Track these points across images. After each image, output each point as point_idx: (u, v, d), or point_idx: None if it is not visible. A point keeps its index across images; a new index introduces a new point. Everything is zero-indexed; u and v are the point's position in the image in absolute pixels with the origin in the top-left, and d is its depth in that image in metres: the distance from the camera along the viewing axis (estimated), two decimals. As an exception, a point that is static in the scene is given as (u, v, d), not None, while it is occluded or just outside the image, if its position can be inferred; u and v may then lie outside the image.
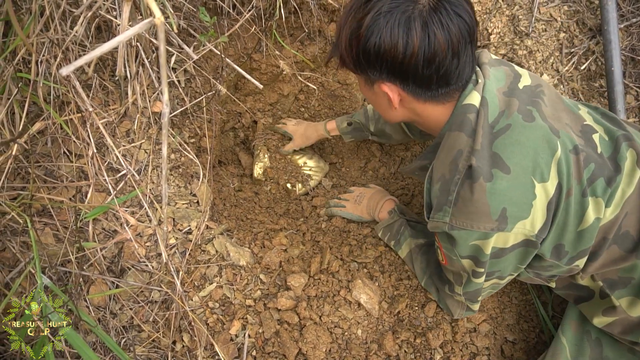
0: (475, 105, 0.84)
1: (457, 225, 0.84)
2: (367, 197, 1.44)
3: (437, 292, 1.16)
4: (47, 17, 0.93)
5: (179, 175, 1.26)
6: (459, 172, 0.82)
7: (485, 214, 0.80)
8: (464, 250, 0.88)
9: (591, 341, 1.03)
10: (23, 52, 0.97)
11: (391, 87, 0.86)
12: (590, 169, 0.83)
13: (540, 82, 0.92)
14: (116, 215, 1.13)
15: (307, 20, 1.59)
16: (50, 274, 1.04)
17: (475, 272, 0.92)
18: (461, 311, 1.10)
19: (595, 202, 0.83)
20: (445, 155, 0.87)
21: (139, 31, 0.50)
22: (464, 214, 0.82)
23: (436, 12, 0.77)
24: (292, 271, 1.22)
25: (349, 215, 1.43)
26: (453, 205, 0.83)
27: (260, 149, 1.66)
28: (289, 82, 1.74)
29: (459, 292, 1.03)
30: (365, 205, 1.42)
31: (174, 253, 1.15)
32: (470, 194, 0.80)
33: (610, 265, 0.90)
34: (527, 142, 0.80)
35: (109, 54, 1.17)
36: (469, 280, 0.97)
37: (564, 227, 0.84)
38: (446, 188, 0.85)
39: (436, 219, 0.88)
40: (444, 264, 1.01)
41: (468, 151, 0.82)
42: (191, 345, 1.08)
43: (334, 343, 1.12)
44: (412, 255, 1.21)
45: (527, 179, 0.80)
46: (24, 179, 1.09)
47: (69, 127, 1.08)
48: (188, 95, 1.31)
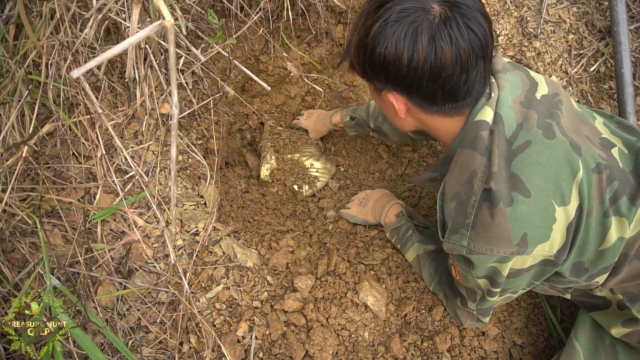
0: (488, 122, 0.81)
1: (475, 249, 0.81)
2: (372, 200, 1.42)
3: (447, 299, 1.15)
4: (58, 20, 0.94)
5: (186, 176, 1.26)
6: (475, 193, 0.80)
7: (506, 239, 0.78)
8: (481, 271, 0.86)
9: (605, 347, 1.01)
10: (34, 55, 0.98)
11: (397, 97, 0.84)
12: (613, 188, 0.81)
13: (558, 90, 0.89)
14: (124, 217, 1.14)
15: (315, 22, 1.59)
16: (59, 275, 1.05)
17: (490, 291, 0.91)
18: (471, 322, 1.10)
19: (619, 222, 0.81)
20: (459, 174, 0.85)
21: (149, 33, 0.50)
22: (483, 239, 0.80)
23: (446, 25, 0.73)
24: (299, 273, 1.22)
25: (354, 218, 1.42)
26: (471, 228, 0.81)
27: (267, 150, 1.66)
28: (296, 84, 1.74)
29: (472, 308, 1.02)
30: (370, 208, 1.41)
31: (181, 254, 1.16)
32: (490, 219, 0.78)
33: (631, 280, 0.88)
34: (548, 162, 0.77)
35: (118, 56, 1.17)
36: (483, 298, 0.96)
37: (584, 246, 0.82)
38: (462, 210, 0.82)
39: (453, 240, 0.85)
40: (457, 280, 1.00)
41: (483, 171, 0.79)
42: (198, 346, 1.08)
43: (341, 345, 1.12)
44: (420, 261, 1.20)
45: (548, 202, 0.77)
46: (33, 180, 1.10)
47: (78, 128, 1.09)
48: (196, 97, 1.32)
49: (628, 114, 1.37)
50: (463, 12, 0.73)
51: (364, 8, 0.80)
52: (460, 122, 0.86)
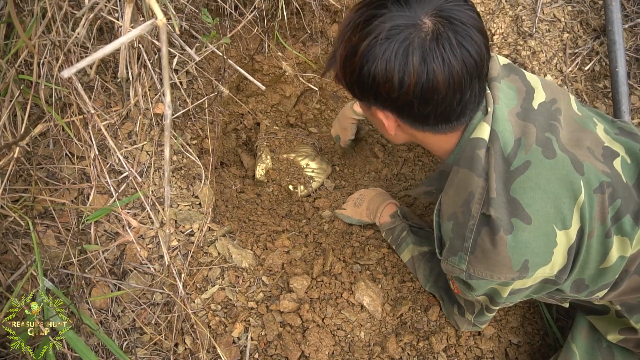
0: (484, 139, 0.77)
1: (475, 274, 0.80)
2: (367, 200, 1.40)
3: (443, 302, 1.15)
4: (49, 19, 0.93)
5: (181, 177, 1.26)
6: (472, 217, 0.78)
7: (506, 266, 0.76)
8: (480, 292, 0.86)
9: (602, 349, 1.01)
10: (25, 54, 0.96)
11: (387, 115, 0.80)
12: (616, 207, 0.79)
13: (555, 96, 0.85)
14: (118, 218, 1.13)
15: (310, 21, 1.58)
16: (52, 277, 1.04)
17: (489, 307, 0.91)
18: (468, 326, 1.09)
19: (620, 241, 0.80)
20: (455, 194, 0.82)
21: (141, 33, 0.50)
22: (483, 265, 0.78)
23: (438, 44, 0.68)
24: (295, 273, 1.21)
25: (349, 219, 1.41)
26: (470, 253, 0.79)
27: (262, 150, 1.65)
28: (291, 83, 1.74)
29: (470, 319, 1.02)
30: (365, 208, 1.39)
31: (176, 255, 1.15)
32: (490, 246, 0.76)
33: (630, 293, 0.88)
34: (548, 185, 0.75)
35: (111, 56, 1.16)
36: (482, 312, 0.96)
37: (585, 265, 0.81)
38: (460, 232, 0.80)
39: (451, 262, 0.83)
40: (456, 292, 0.99)
41: (480, 193, 0.77)
42: (193, 347, 1.08)
43: (337, 345, 1.12)
44: (415, 263, 1.20)
45: (549, 228, 0.76)
46: (25, 181, 1.09)
47: (70, 129, 1.08)
48: (190, 97, 1.31)
49: (622, 113, 1.37)
50: (457, 29, 0.69)
51: (351, 17, 0.75)
52: (454, 138, 0.83)
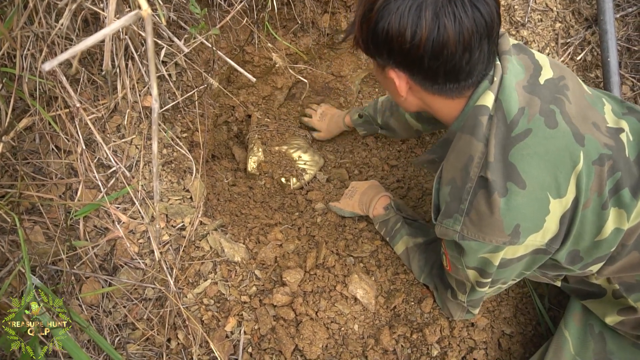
0: (488, 107, 0.79)
1: (468, 235, 0.81)
2: (359, 192, 1.40)
3: (437, 291, 1.16)
4: (31, 10, 0.90)
5: (171, 170, 1.24)
6: (470, 180, 0.79)
7: (498, 228, 0.78)
8: (471, 261, 0.86)
9: (594, 335, 1.02)
10: (7, 47, 0.94)
11: (399, 75, 0.82)
12: (616, 179, 0.80)
13: (564, 73, 0.86)
14: (108, 213, 1.11)
15: (300, 12, 1.56)
16: (41, 273, 1.02)
17: (480, 282, 0.91)
18: (461, 313, 1.10)
19: (617, 214, 0.80)
20: (456, 159, 0.84)
21: (124, 24, 0.48)
22: (477, 226, 0.80)
23: (450, 2, 0.71)
24: (288, 266, 1.21)
25: (342, 211, 1.40)
26: (465, 214, 0.81)
27: (254, 142, 1.64)
28: (282, 75, 1.72)
29: (462, 300, 1.02)
30: (357, 200, 1.39)
31: (167, 250, 1.14)
32: (484, 208, 0.77)
33: (629, 270, 0.88)
34: (547, 154, 0.76)
35: (97, 48, 1.14)
36: (473, 290, 0.96)
37: (580, 236, 0.82)
38: (457, 195, 0.82)
39: (445, 225, 0.85)
40: (447, 270, 0.99)
41: (479, 157, 0.79)
42: (186, 342, 1.07)
43: (331, 338, 1.12)
44: (409, 254, 1.20)
45: (543, 195, 0.77)
46: (11, 177, 1.07)
47: (56, 123, 1.06)
48: (179, 89, 1.29)
49: (614, 103, 1.37)
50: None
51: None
52: (460, 104, 0.85)
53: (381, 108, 1.45)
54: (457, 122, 0.87)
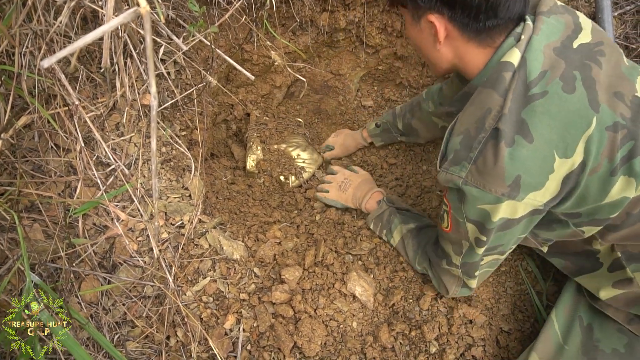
0: (513, 64, 0.81)
1: (471, 182, 0.82)
2: (353, 186, 1.43)
3: (431, 268, 1.15)
4: (30, 7, 0.90)
5: (170, 168, 1.24)
6: (484, 130, 0.81)
7: (500, 177, 0.79)
8: (472, 211, 0.87)
9: (583, 327, 1.04)
10: (5, 44, 0.94)
11: (439, 19, 0.85)
12: (629, 147, 0.80)
13: (603, 39, 0.87)
14: (107, 210, 1.11)
15: (299, 10, 1.56)
16: (40, 271, 1.03)
17: (478, 239, 0.91)
18: (457, 287, 1.09)
19: (626, 182, 0.81)
20: (473, 111, 0.85)
21: (123, 21, 0.48)
22: (480, 174, 0.81)
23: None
24: (287, 264, 1.21)
25: (333, 202, 1.42)
26: (472, 162, 0.82)
27: (253, 141, 1.64)
28: (281, 73, 1.72)
29: (457, 263, 1.02)
30: (351, 194, 1.41)
31: (166, 248, 1.14)
32: (491, 157, 0.79)
33: (634, 239, 0.90)
34: (559, 114, 0.78)
35: (96, 46, 1.14)
36: (470, 250, 0.95)
37: (583, 199, 0.83)
38: (469, 144, 0.83)
39: (451, 172, 0.85)
40: (446, 232, 0.99)
41: (497, 110, 0.80)
42: (185, 340, 1.07)
43: (330, 336, 1.12)
44: (404, 241, 1.21)
45: (549, 152, 0.78)
46: (10, 175, 1.07)
47: (55, 121, 1.06)
48: (178, 87, 1.29)
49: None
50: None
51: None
52: (487, 56, 0.88)
53: (400, 112, 1.47)
54: (480, 76, 0.90)
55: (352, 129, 1.80)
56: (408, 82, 1.85)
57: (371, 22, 1.65)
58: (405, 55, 1.77)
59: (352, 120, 1.86)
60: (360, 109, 1.88)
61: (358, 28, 1.66)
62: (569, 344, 1.03)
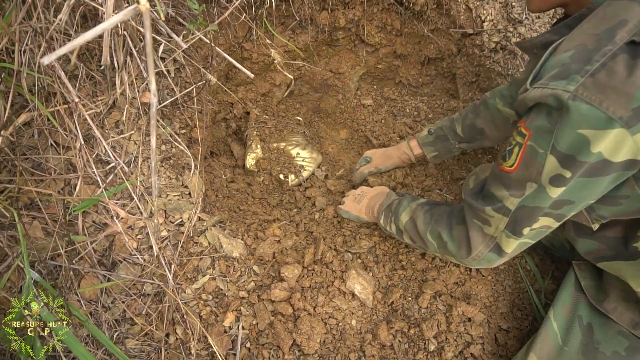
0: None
1: (581, 96, 0.68)
2: (367, 197, 1.36)
3: (451, 230, 1.01)
4: (30, 5, 0.90)
5: (170, 166, 1.24)
6: (614, 43, 0.68)
7: (626, 96, 0.66)
8: (566, 137, 0.72)
9: (582, 327, 1.02)
10: (5, 42, 0.94)
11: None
12: None
13: None
14: (106, 208, 1.12)
15: (299, 8, 1.56)
16: (39, 268, 1.03)
17: (558, 177, 0.76)
18: (483, 248, 0.94)
19: None
20: (595, 25, 0.73)
21: (123, 18, 0.48)
22: (600, 87, 0.67)
23: None
24: (286, 262, 1.21)
25: (347, 214, 1.38)
26: (590, 75, 0.68)
27: (252, 139, 1.64)
28: (280, 72, 1.72)
29: (510, 207, 0.85)
30: (365, 205, 1.34)
31: (165, 245, 1.14)
32: (623, 70, 0.66)
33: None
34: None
35: (96, 44, 1.14)
36: (539, 192, 0.80)
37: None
38: (584, 57, 0.70)
39: (552, 86, 0.71)
40: (507, 171, 0.84)
41: (635, 24, 0.68)
42: (185, 337, 1.07)
43: (329, 334, 1.12)
44: (414, 216, 1.11)
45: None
46: (10, 172, 1.07)
47: (55, 118, 1.06)
48: (178, 85, 1.29)
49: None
50: None
51: None
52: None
53: (459, 116, 1.33)
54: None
55: (351, 127, 1.80)
56: (407, 80, 1.85)
57: (371, 20, 1.66)
58: (405, 54, 1.77)
59: (351, 118, 1.86)
60: (360, 107, 1.88)
61: (357, 27, 1.66)
62: (568, 345, 1.01)
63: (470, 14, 1.55)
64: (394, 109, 1.85)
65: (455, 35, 1.62)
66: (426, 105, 1.82)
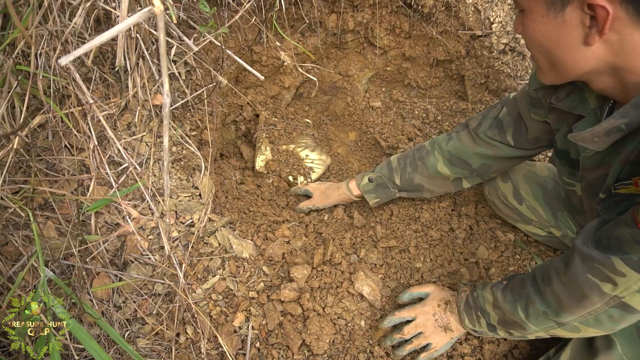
0: None
1: None
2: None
3: (541, 297, 0.87)
4: (46, 9, 0.92)
5: (180, 168, 1.26)
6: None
7: None
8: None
9: None
10: (22, 45, 0.96)
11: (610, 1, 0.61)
12: None
13: None
14: (118, 209, 1.13)
15: (308, 11, 1.58)
16: (53, 268, 1.04)
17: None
18: (603, 305, 0.77)
19: None
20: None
21: (137, 20, 0.49)
22: None
23: None
24: (295, 263, 1.22)
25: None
26: None
27: (262, 141, 1.65)
28: (290, 74, 1.73)
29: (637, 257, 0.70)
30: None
31: (176, 246, 1.15)
32: None
33: None
34: None
35: (109, 46, 1.16)
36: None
37: None
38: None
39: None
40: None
41: None
42: (195, 337, 1.08)
43: (338, 334, 1.12)
44: (495, 303, 0.98)
45: None
46: (25, 173, 1.09)
47: (69, 120, 1.08)
48: (189, 88, 1.30)
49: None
50: None
51: None
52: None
53: (398, 166, 1.27)
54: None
55: (360, 129, 1.81)
56: (416, 82, 1.85)
57: (379, 23, 1.66)
58: (413, 56, 1.77)
59: (360, 121, 1.87)
60: (369, 109, 1.88)
61: (366, 29, 1.67)
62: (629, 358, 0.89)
63: (479, 15, 1.55)
64: (403, 111, 1.85)
65: (464, 37, 1.62)
66: (435, 107, 1.82)
